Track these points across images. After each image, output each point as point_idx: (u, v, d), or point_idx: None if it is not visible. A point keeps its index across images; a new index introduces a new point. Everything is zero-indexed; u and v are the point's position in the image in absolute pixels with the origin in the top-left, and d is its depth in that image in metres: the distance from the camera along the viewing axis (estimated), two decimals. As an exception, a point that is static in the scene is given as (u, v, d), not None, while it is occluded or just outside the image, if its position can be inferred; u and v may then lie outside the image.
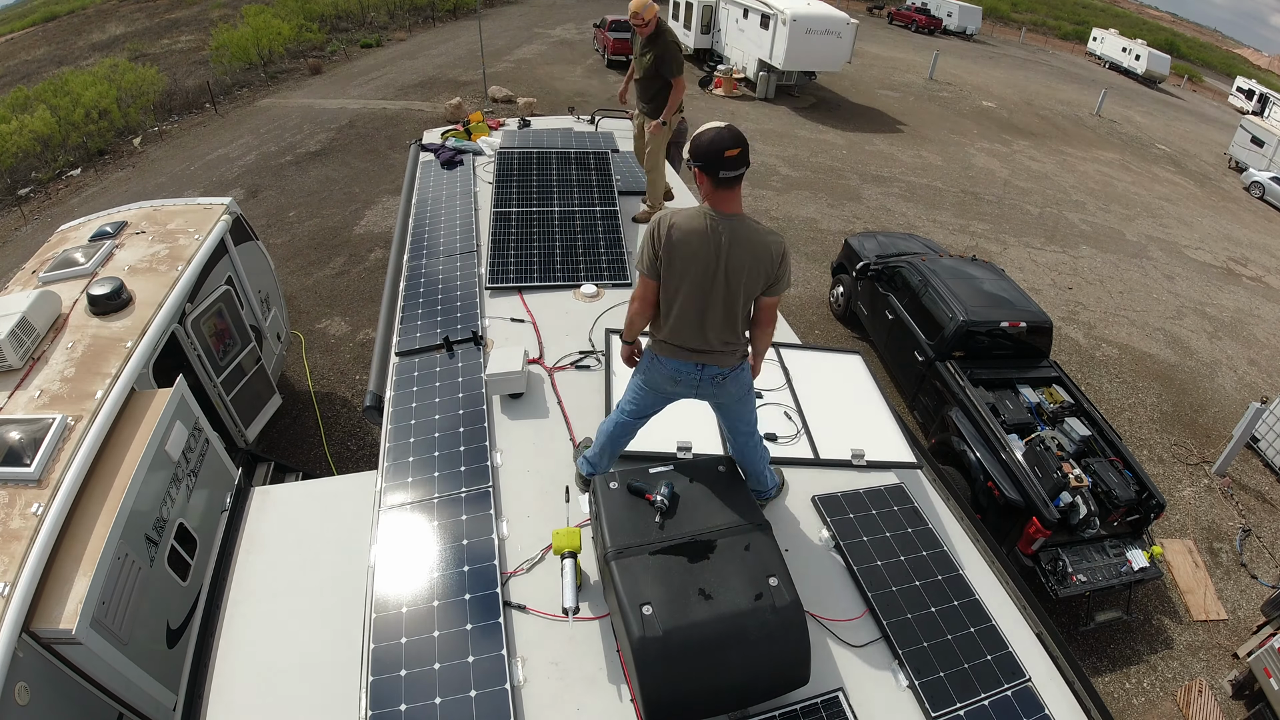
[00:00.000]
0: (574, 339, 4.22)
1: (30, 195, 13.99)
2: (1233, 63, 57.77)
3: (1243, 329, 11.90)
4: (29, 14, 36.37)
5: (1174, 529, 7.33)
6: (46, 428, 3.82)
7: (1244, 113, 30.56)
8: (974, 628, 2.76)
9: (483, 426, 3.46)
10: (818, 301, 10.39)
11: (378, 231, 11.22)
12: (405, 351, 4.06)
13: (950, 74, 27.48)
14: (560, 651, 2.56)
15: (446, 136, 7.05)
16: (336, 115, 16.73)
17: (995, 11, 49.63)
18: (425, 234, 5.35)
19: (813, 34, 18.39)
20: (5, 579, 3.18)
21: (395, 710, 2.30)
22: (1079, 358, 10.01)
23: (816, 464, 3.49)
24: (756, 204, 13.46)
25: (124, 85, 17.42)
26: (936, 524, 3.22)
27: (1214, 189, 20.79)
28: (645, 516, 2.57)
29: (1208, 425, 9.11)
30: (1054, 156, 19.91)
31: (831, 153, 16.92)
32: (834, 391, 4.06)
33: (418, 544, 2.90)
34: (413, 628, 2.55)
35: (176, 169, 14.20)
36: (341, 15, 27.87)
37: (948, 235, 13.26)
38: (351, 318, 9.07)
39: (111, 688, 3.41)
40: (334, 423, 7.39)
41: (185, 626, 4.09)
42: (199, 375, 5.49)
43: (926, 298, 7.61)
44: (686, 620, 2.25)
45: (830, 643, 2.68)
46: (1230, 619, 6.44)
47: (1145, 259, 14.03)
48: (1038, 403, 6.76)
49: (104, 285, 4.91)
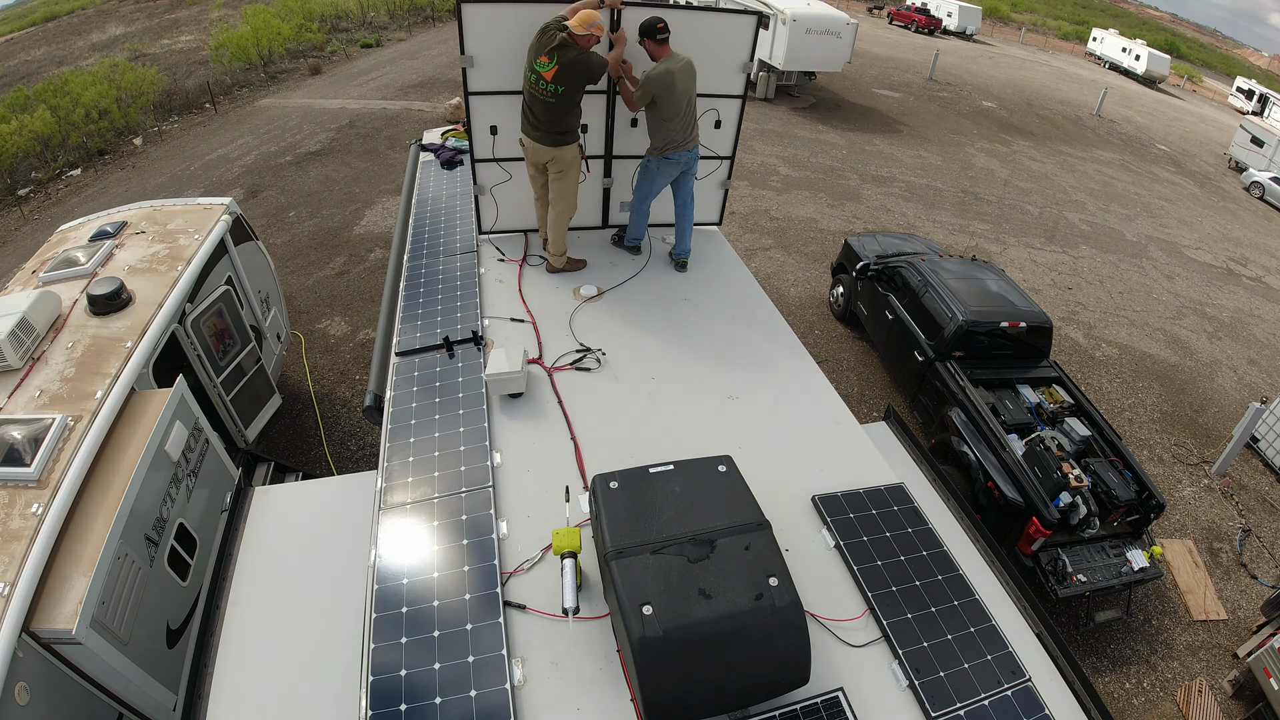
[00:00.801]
0: (574, 339, 4.22)
1: (30, 195, 13.99)
2: (1233, 63, 57.79)
3: (1243, 329, 11.91)
4: (29, 14, 36.36)
5: (1174, 529, 7.33)
6: (46, 428, 3.82)
7: (1244, 113, 30.58)
8: (974, 628, 2.76)
9: (483, 426, 3.46)
10: (818, 301, 10.39)
11: (378, 231, 11.22)
12: (405, 351, 4.06)
13: (950, 74, 27.48)
14: (560, 651, 2.55)
15: (446, 136, 7.05)
16: (336, 115, 16.73)
17: (995, 11, 49.64)
18: (425, 234, 5.35)
19: (813, 34, 18.38)
20: (5, 579, 3.19)
21: (395, 710, 2.30)
22: (1079, 358, 10.02)
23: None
24: (756, 204, 13.47)
25: (124, 85, 17.42)
26: (936, 524, 3.22)
27: (1214, 189, 20.79)
28: (646, 516, 2.57)
29: (1208, 425, 9.11)
30: (1054, 156, 19.91)
31: (831, 153, 16.92)
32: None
33: (418, 544, 2.90)
34: (413, 628, 2.55)
35: (176, 169, 14.20)
36: (341, 15, 27.86)
37: (948, 235, 13.26)
38: (351, 318, 9.07)
39: (111, 688, 3.41)
40: (334, 423, 7.39)
41: (185, 626, 4.09)
42: (199, 375, 5.49)
43: (926, 298, 7.61)
44: (686, 620, 2.24)
45: (830, 643, 2.68)
46: (1230, 619, 6.44)
47: (1145, 259, 14.03)
48: (1038, 403, 6.76)
49: (104, 285, 4.91)
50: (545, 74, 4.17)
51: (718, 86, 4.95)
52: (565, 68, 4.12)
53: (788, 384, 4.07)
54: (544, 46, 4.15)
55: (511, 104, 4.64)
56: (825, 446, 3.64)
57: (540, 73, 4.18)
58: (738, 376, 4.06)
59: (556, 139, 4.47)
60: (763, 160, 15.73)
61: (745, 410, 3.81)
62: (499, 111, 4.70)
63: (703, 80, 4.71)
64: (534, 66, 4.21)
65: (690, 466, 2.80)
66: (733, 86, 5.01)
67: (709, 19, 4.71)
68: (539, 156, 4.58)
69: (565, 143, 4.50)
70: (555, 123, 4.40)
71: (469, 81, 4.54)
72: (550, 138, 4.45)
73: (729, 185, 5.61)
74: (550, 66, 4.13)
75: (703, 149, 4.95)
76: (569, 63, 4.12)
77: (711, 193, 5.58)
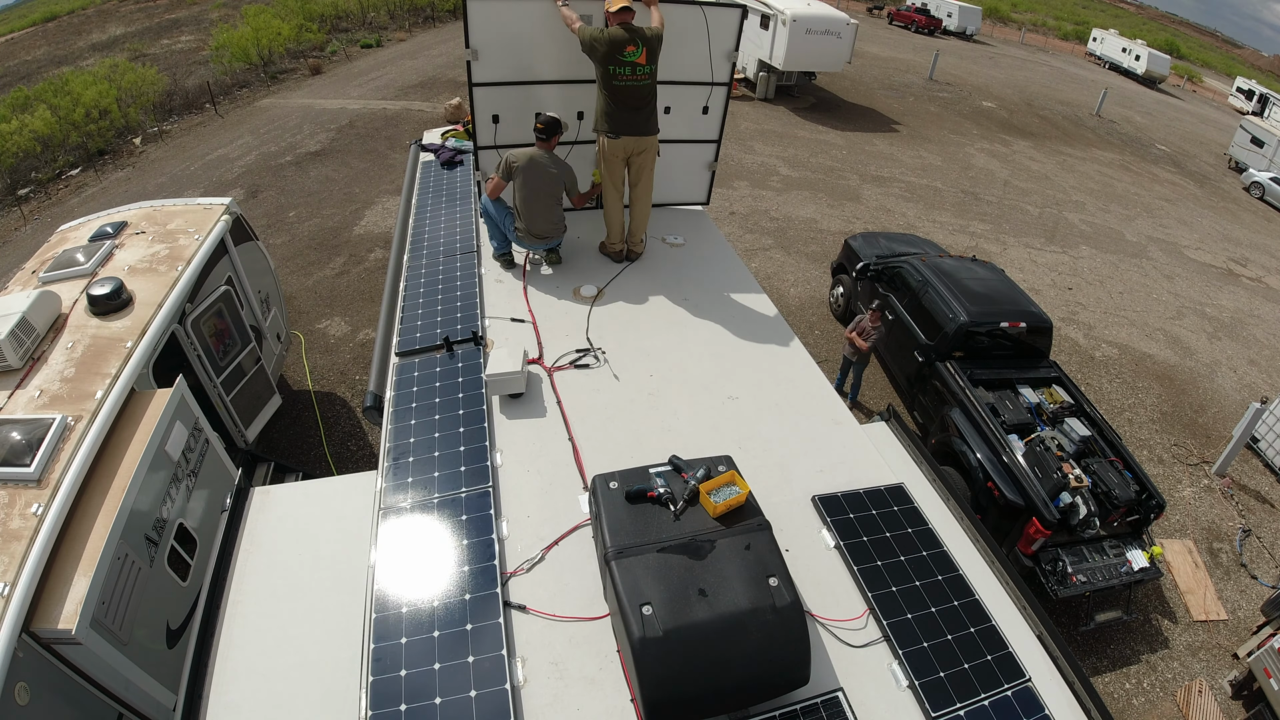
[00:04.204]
0: (573, 339, 4.23)
1: (30, 195, 13.99)
2: (1233, 63, 57.79)
3: (1243, 329, 11.91)
4: (29, 14, 36.37)
5: (1174, 529, 7.33)
6: (46, 428, 3.82)
7: (1244, 113, 30.57)
8: (974, 628, 2.76)
9: (483, 426, 3.46)
10: (818, 302, 10.39)
11: (378, 231, 11.22)
12: (405, 351, 4.07)
13: (950, 74, 27.48)
14: (560, 651, 2.56)
15: (446, 137, 7.05)
16: (336, 115, 16.73)
17: (995, 11, 49.65)
18: (425, 234, 5.35)
19: (813, 34, 18.38)
20: (5, 579, 3.18)
21: (395, 710, 2.30)
22: (1079, 358, 10.02)
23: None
24: (756, 204, 13.48)
25: (124, 85, 17.42)
26: (936, 524, 3.22)
27: (1214, 189, 20.80)
28: (647, 516, 2.57)
29: (1208, 425, 9.11)
30: (1054, 157, 19.92)
31: (831, 153, 16.92)
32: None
33: (418, 544, 2.90)
34: (413, 628, 2.55)
35: (176, 169, 14.20)
36: (341, 15, 27.86)
37: (948, 235, 13.26)
38: (351, 318, 9.07)
39: (111, 688, 3.41)
40: (334, 423, 7.38)
41: (185, 626, 4.08)
42: (199, 375, 5.49)
43: (926, 298, 7.61)
44: (687, 620, 2.25)
45: (830, 643, 2.68)
46: (1230, 619, 6.44)
47: (1145, 259, 14.03)
48: (1038, 403, 6.76)
49: (104, 285, 4.90)
50: (638, 59, 4.40)
51: (705, 75, 5.21)
52: (649, 45, 4.41)
53: (788, 384, 4.06)
54: (618, 43, 4.34)
55: (512, 94, 4.86)
56: (825, 446, 3.64)
57: (632, 61, 4.39)
58: (738, 376, 4.06)
59: (655, 123, 4.73)
60: (763, 160, 15.74)
61: (745, 410, 3.81)
62: (501, 101, 4.91)
63: (692, 69, 5.06)
64: (623, 60, 4.38)
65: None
66: (720, 75, 5.23)
67: (697, 11, 4.86)
68: (637, 148, 4.76)
69: (658, 127, 4.78)
70: (654, 105, 4.66)
71: (473, 74, 4.72)
72: (652, 124, 4.72)
73: (715, 167, 5.83)
74: (639, 52, 4.38)
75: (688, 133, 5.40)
76: (650, 39, 4.41)
77: (698, 174, 5.81)
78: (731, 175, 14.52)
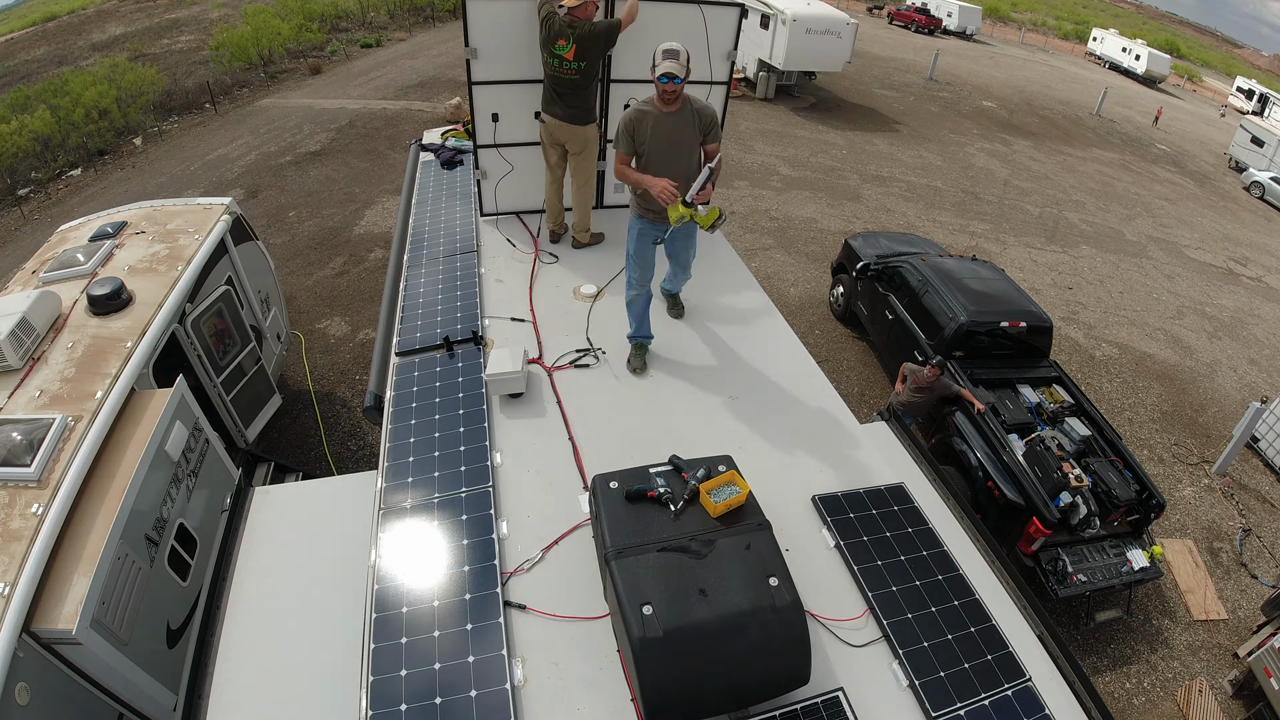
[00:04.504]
0: (573, 339, 4.22)
1: (30, 195, 13.99)
2: (1233, 62, 57.77)
3: (1243, 329, 11.91)
4: (29, 14, 36.35)
5: (1174, 529, 7.33)
6: (46, 428, 3.82)
7: (1244, 113, 30.56)
8: (974, 628, 2.76)
9: (483, 426, 3.46)
10: (818, 301, 10.39)
11: (378, 231, 11.22)
12: (405, 351, 4.06)
13: (950, 74, 27.47)
14: (560, 651, 2.55)
15: (446, 136, 7.05)
16: (336, 115, 16.72)
17: (995, 11, 49.61)
18: (425, 234, 5.35)
19: (813, 34, 18.37)
20: (5, 579, 3.19)
21: (395, 710, 2.30)
22: (1079, 358, 10.01)
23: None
24: (756, 204, 13.47)
25: (124, 85, 17.40)
26: (936, 524, 3.22)
27: (1214, 189, 20.79)
28: (647, 516, 2.56)
29: (1208, 425, 9.11)
30: (1054, 156, 19.91)
31: (831, 152, 16.91)
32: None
33: (418, 544, 2.90)
34: (413, 628, 2.55)
35: (176, 169, 14.20)
36: (341, 15, 27.84)
37: (948, 235, 13.26)
38: (351, 318, 9.07)
39: (111, 688, 3.41)
40: (334, 423, 7.38)
41: (185, 626, 4.09)
42: (199, 375, 5.49)
43: (927, 298, 7.61)
44: (687, 620, 2.24)
45: (830, 643, 2.68)
46: (1230, 619, 6.44)
47: (1145, 259, 14.03)
48: (1038, 403, 6.76)
49: (104, 285, 4.91)
50: (565, 55, 4.39)
51: (704, 74, 5.23)
52: (581, 43, 4.36)
53: (788, 384, 4.06)
54: (554, 33, 4.37)
55: (512, 92, 4.91)
56: (825, 446, 3.64)
57: (560, 55, 4.40)
58: (738, 376, 4.06)
59: (582, 116, 4.71)
60: (763, 160, 15.73)
61: (745, 410, 3.81)
62: (500, 100, 4.94)
63: (691, 69, 4.98)
64: (553, 53, 4.42)
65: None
66: (719, 74, 5.25)
67: (695, 11, 4.87)
68: (562, 135, 4.77)
69: (588, 121, 4.76)
70: (581, 100, 4.66)
71: (473, 72, 4.75)
72: (577, 115, 4.69)
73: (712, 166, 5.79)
74: (568, 48, 4.37)
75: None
76: (583, 37, 4.35)
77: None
78: (731, 175, 14.51)
